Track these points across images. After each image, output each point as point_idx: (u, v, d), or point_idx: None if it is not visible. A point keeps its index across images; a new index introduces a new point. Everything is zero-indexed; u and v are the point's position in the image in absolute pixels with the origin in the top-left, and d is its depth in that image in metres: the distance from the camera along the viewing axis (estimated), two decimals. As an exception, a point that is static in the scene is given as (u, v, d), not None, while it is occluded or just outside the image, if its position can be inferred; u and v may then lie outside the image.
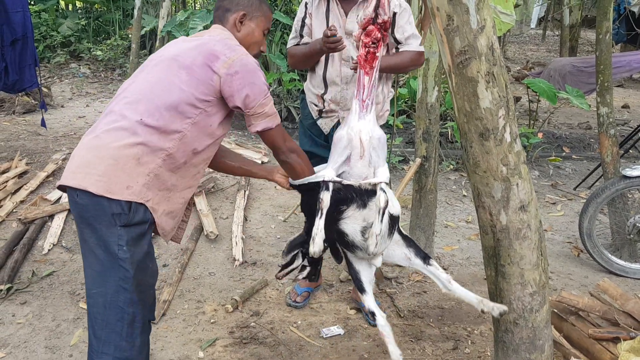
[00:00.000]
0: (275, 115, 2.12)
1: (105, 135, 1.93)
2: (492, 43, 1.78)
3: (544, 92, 5.90)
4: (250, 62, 2.03)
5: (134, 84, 2.05)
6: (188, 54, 2.02)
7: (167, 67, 2.01)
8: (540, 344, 2.08)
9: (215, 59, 1.98)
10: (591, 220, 3.94)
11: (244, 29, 2.22)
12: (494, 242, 2.01)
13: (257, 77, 2.03)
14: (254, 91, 2.01)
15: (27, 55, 5.11)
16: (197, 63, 1.98)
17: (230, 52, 2.01)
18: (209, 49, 2.01)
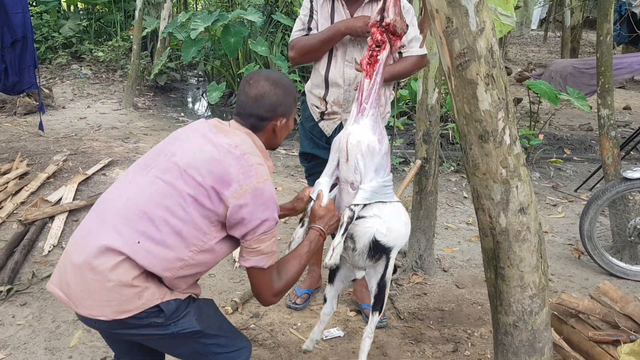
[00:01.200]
0: (270, 255, 1.88)
1: (100, 262, 1.72)
2: (492, 45, 1.78)
3: (545, 93, 5.90)
4: (265, 191, 1.81)
5: (138, 184, 1.84)
6: (200, 169, 1.78)
7: (174, 184, 1.79)
8: (540, 346, 2.07)
9: (227, 186, 1.77)
10: (592, 222, 3.93)
11: (282, 130, 2.02)
12: (493, 245, 2.01)
13: (266, 209, 1.82)
14: (257, 225, 1.81)
15: (27, 57, 5.11)
16: (206, 185, 1.77)
17: (244, 179, 1.78)
18: (223, 170, 1.78)
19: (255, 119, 1.95)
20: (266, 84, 1.94)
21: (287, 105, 1.97)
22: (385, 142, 2.27)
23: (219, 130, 1.90)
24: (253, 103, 1.94)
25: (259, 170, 1.83)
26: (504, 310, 2.06)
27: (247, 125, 1.96)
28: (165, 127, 7.25)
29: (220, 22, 7.92)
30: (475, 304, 3.49)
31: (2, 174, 4.89)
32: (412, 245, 3.80)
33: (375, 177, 2.21)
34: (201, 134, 1.90)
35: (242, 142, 1.87)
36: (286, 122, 2.00)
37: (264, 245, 1.84)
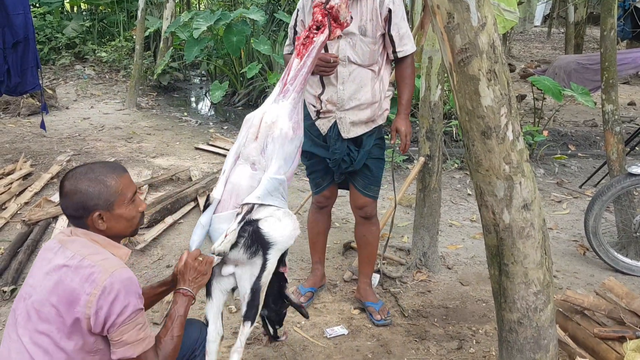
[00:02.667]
0: (138, 344, 1.75)
1: None
2: (494, 40, 1.77)
3: (549, 89, 5.87)
4: (115, 282, 1.70)
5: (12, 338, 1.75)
6: (48, 303, 1.70)
7: (35, 327, 1.71)
8: (545, 343, 2.06)
9: (77, 302, 1.68)
10: (597, 218, 3.91)
11: (110, 222, 1.83)
12: (497, 241, 2.00)
13: (121, 300, 1.70)
14: (115, 318, 1.70)
15: (29, 58, 5.12)
16: (62, 314, 1.69)
17: (90, 285, 1.68)
18: (67, 289, 1.69)
19: (72, 219, 1.84)
20: (70, 182, 1.82)
21: (97, 198, 1.79)
22: (300, 133, 2.16)
23: (62, 244, 1.79)
24: (64, 203, 1.83)
25: (104, 266, 1.71)
26: (509, 307, 2.05)
27: (75, 225, 1.85)
28: (169, 126, 7.25)
29: (223, 21, 7.93)
30: (479, 301, 3.48)
31: (6, 174, 4.90)
32: (416, 242, 3.79)
33: (284, 165, 2.08)
34: (48, 260, 1.79)
35: (79, 247, 1.77)
36: (110, 214, 1.82)
37: (127, 336, 1.73)
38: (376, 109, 2.94)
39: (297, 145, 2.11)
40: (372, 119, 2.95)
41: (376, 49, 2.86)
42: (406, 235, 4.36)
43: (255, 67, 7.79)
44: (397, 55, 2.93)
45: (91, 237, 1.82)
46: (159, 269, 3.68)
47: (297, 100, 2.12)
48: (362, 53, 2.83)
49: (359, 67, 2.86)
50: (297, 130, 2.11)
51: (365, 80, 2.88)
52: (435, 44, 3.46)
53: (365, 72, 2.87)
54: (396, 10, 2.84)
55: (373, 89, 2.89)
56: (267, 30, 8.91)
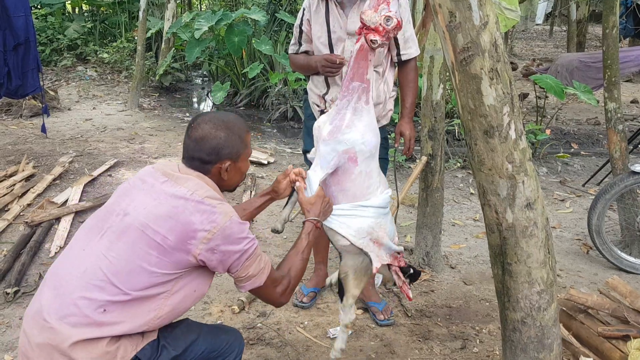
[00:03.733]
0: (262, 272, 1.87)
1: (64, 331, 1.66)
2: (496, 39, 1.76)
3: (551, 88, 5.86)
4: (233, 227, 1.77)
5: (93, 251, 1.76)
6: (159, 226, 1.73)
7: (132, 245, 1.73)
8: (549, 342, 2.05)
9: (193, 237, 1.73)
10: (600, 217, 3.90)
11: (231, 173, 1.93)
12: (500, 241, 1.99)
13: (240, 242, 1.79)
14: (235, 258, 1.79)
15: (30, 60, 5.12)
16: (170, 243, 1.72)
17: (210, 224, 1.74)
18: (185, 222, 1.73)
19: (198, 162, 1.88)
20: (208, 126, 1.87)
21: (232, 147, 1.89)
22: (339, 139, 2.19)
23: (170, 177, 1.83)
24: (195, 146, 1.87)
25: (222, 209, 1.78)
26: (512, 307, 2.05)
27: (193, 167, 1.89)
28: (171, 127, 7.25)
29: (224, 21, 7.93)
30: (483, 300, 3.47)
31: (9, 176, 4.90)
32: (419, 242, 3.79)
33: (318, 165, 2.22)
34: (151, 185, 1.83)
35: (196, 186, 1.81)
36: (234, 165, 1.92)
37: (251, 269, 1.84)
38: (380, 110, 2.93)
39: (331, 148, 2.19)
40: (376, 119, 2.95)
41: (381, 50, 2.85)
42: (409, 235, 4.35)
43: (257, 67, 7.79)
44: (401, 58, 2.93)
45: (205, 180, 1.87)
46: (161, 269, 3.68)
47: (340, 107, 2.23)
48: None
49: None
50: (334, 134, 2.20)
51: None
52: (437, 43, 3.46)
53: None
54: (402, 13, 2.83)
55: (378, 89, 2.89)
56: (268, 30, 8.91)
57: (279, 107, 7.88)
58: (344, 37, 2.83)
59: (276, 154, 6.23)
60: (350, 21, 2.81)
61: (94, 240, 1.78)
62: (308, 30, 2.96)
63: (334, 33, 2.86)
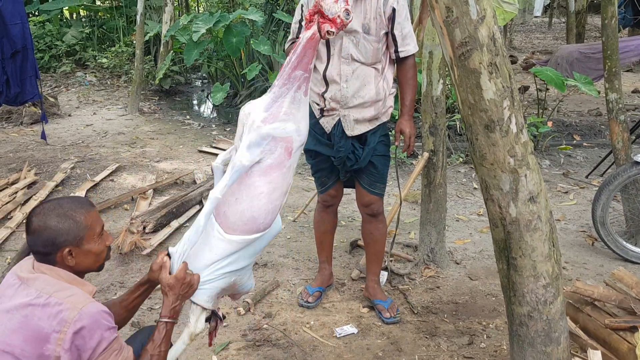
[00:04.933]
0: None
1: None
2: (494, 33, 1.75)
3: (552, 80, 5.84)
4: (85, 324, 1.66)
5: None
6: (14, 340, 1.65)
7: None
8: (556, 336, 2.05)
9: (46, 342, 1.64)
10: (604, 208, 3.89)
11: (78, 258, 1.81)
12: (504, 235, 1.98)
13: (95, 332, 1.68)
14: (92, 351, 1.67)
15: (28, 67, 5.12)
16: (28, 354, 1.64)
17: (58, 325, 1.64)
18: (35, 329, 1.65)
19: (40, 255, 1.79)
20: (37, 219, 1.78)
21: (67, 234, 1.77)
22: (275, 126, 2.04)
23: (22, 281, 1.74)
24: (31, 240, 1.79)
25: (71, 303, 1.68)
26: (518, 301, 2.04)
27: (41, 261, 1.79)
28: (172, 130, 7.25)
29: (222, 23, 7.92)
30: (489, 295, 3.46)
31: (11, 183, 4.91)
32: (423, 239, 3.78)
33: (246, 152, 2.01)
34: (8, 297, 1.74)
35: (43, 284, 1.72)
36: (78, 250, 1.80)
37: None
38: (380, 107, 2.93)
39: (262, 135, 2.01)
40: (376, 116, 2.95)
41: (380, 47, 2.85)
42: (413, 232, 4.34)
43: (256, 68, 7.78)
44: (399, 55, 2.93)
45: (57, 272, 1.78)
46: (166, 273, 3.67)
47: (278, 94, 2.06)
48: (366, 51, 2.83)
49: (362, 65, 2.85)
50: (269, 121, 2.03)
51: (369, 78, 2.87)
52: (435, 39, 3.44)
53: (368, 70, 2.87)
54: (400, 10, 2.83)
55: (377, 87, 2.88)
56: (266, 31, 8.89)
57: (279, 107, 7.87)
58: (342, 34, 2.82)
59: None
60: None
61: None
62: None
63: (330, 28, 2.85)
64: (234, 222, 2.02)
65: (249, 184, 2.02)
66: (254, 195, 2.01)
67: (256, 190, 2.01)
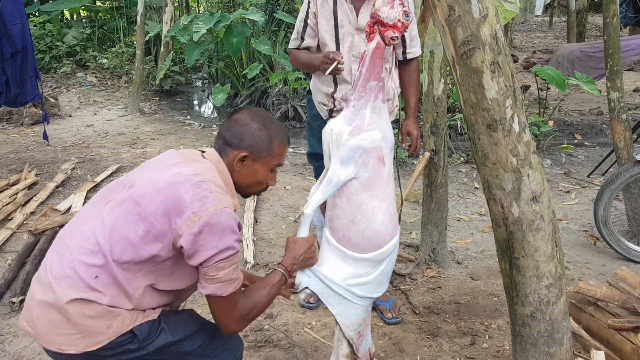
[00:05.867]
0: (230, 283, 1.73)
1: (57, 289, 1.68)
2: (496, 32, 1.73)
3: (553, 79, 5.83)
4: (220, 221, 1.68)
5: (94, 217, 1.76)
6: (152, 199, 1.70)
7: (126, 214, 1.71)
8: (559, 336, 2.03)
9: (180, 214, 1.67)
10: (606, 208, 3.87)
11: (244, 169, 1.87)
12: (506, 235, 1.97)
13: (223, 238, 1.69)
14: (214, 253, 1.68)
15: (28, 68, 5.11)
16: (158, 217, 1.68)
17: (200, 207, 1.68)
18: (177, 197, 1.69)
19: (221, 141, 1.88)
20: (247, 114, 1.89)
21: (256, 142, 1.85)
22: (362, 137, 2.06)
23: (186, 159, 1.82)
24: (226, 125, 1.89)
25: (218, 198, 1.71)
26: (521, 302, 2.02)
27: (216, 148, 1.89)
28: (172, 130, 7.24)
29: (223, 23, 7.91)
30: (491, 295, 3.45)
31: (11, 184, 4.90)
32: (424, 238, 3.76)
33: (340, 168, 2.06)
34: (165, 164, 1.82)
35: (204, 170, 1.78)
36: (250, 161, 1.87)
37: (222, 273, 1.71)
38: (389, 107, 2.90)
39: (353, 148, 2.05)
40: None
41: (389, 47, 2.82)
42: (414, 232, 4.33)
43: (256, 68, 7.78)
44: (407, 56, 2.92)
45: (220, 167, 1.84)
46: (167, 274, 3.66)
47: (358, 107, 2.10)
48: None
49: None
50: (355, 134, 2.07)
51: None
52: (436, 38, 3.43)
53: None
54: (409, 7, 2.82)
55: (386, 86, 2.85)
56: (267, 31, 8.88)
57: (280, 107, 7.86)
58: (353, 32, 2.81)
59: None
60: (362, 17, 2.78)
61: (99, 206, 1.79)
62: (314, 23, 2.91)
63: (342, 27, 2.83)
64: (358, 243, 2.10)
65: (358, 203, 2.08)
66: (367, 212, 2.08)
67: (367, 207, 2.08)
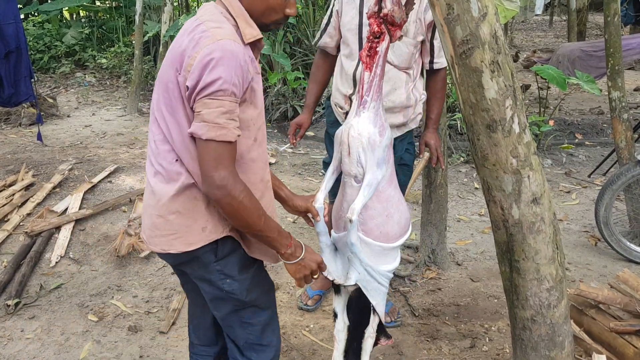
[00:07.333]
0: (213, 127, 1.58)
1: (156, 189, 1.77)
2: (495, 31, 1.70)
3: (553, 78, 5.78)
4: (216, 51, 1.57)
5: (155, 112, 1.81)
6: (165, 67, 1.72)
7: (162, 93, 1.73)
8: (560, 340, 2.00)
9: (180, 65, 1.63)
10: (607, 208, 3.84)
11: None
12: (507, 237, 1.94)
13: (216, 69, 1.56)
14: (204, 86, 1.57)
15: (22, 68, 5.07)
16: (169, 76, 1.68)
17: (194, 48, 1.60)
18: (178, 51, 1.66)
19: None
20: None
21: None
22: (387, 135, 2.14)
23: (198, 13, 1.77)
24: None
25: (213, 34, 1.60)
26: (521, 305, 2.00)
27: None
28: (171, 131, 7.21)
29: (221, 22, 7.87)
30: (491, 297, 3.41)
31: (8, 185, 4.86)
32: (424, 240, 3.73)
33: (377, 171, 2.11)
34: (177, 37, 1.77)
35: (204, 12, 1.72)
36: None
37: (205, 112, 1.58)
38: (410, 114, 2.85)
39: (384, 147, 2.13)
40: (404, 123, 2.87)
41: (414, 52, 2.76)
42: (414, 233, 4.29)
43: (256, 68, 7.75)
44: (434, 66, 2.85)
45: (228, 1, 1.72)
46: (164, 276, 3.63)
47: (376, 107, 2.14)
48: (401, 54, 2.72)
49: (395, 69, 2.74)
50: (383, 133, 2.13)
51: (400, 83, 2.77)
52: (435, 37, 3.39)
53: (400, 75, 2.76)
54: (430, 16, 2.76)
55: (408, 92, 2.79)
56: (266, 30, 8.85)
57: (279, 106, 7.83)
58: None
59: (277, 154, 6.18)
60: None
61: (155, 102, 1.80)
62: (336, 22, 2.88)
63: (366, 27, 2.79)
64: (395, 234, 2.21)
65: (388, 197, 2.17)
66: (396, 204, 2.20)
67: (394, 199, 2.19)
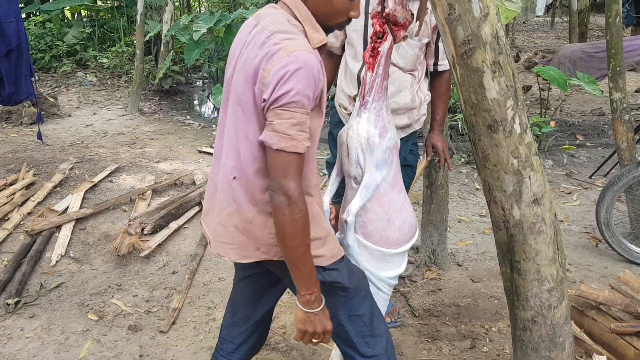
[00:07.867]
0: (283, 138, 1.56)
1: (219, 198, 1.77)
2: (497, 31, 1.70)
3: (554, 79, 5.78)
4: (290, 63, 1.56)
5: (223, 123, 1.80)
6: (237, 81, 1.69)
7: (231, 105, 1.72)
8: (561, 341, 2.00)
9: (255, 79, 1.62)
10: (608, 209, 3.84)
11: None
12: (507, 238, 1.93)
13: (290, 81, 1.55)
14: (277, 97, 1.56)
15: (23, 66, 5.06)
16: (247, 93, 1.65)
17: (267, 61, 1.59)
18: (250, 67, 1.64)
19: None
20: None
21: None
22: (388, 136, 2.12)
23: (257, 19, 1.73)
24: None
25: (286, 45, 1.59)
26: (522, 305, 1.99)
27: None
28: (172, 130, 7.21)
29: (223, 22, 7.89)
30: (491, 297, 3.41)
31: (9, 184, 4.86)
32: (424, 240, 3.73)
33: (376, 172, 2.09)
34: (242, 40, 1.74)
35: (270, 22, 1.67)
36: None
37: (277, 122, 1.56)
38: (414, 115, 2.83)
39: (385, 149, 2.09)
40: (408, 124, 2.86)
41: (419, 54, 2.73)
42: (414, 233, 4.29)
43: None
44: (437, 68, 2.83)
45: (296, 5, 1.69)
46: (164, 275, 3.63)
47: (378, 108, 2.12)
48: (406, 55, 2.69)
49: (399, 70, 2.71)
50: (384, 134, 2.10)
51: (405, 85, 2.74)
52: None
53: (405, 76, 2.74)
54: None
55: (412, 94, 2.77)
56: (267, 30, 8.87)
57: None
58: None
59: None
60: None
61: (223, 112, 1.79)
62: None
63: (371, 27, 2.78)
64: (396, 239, 2.15)
65: (389, 201, 2.13)
66: (399, 208, 2.15)
67: (397, 203, 2.15)
